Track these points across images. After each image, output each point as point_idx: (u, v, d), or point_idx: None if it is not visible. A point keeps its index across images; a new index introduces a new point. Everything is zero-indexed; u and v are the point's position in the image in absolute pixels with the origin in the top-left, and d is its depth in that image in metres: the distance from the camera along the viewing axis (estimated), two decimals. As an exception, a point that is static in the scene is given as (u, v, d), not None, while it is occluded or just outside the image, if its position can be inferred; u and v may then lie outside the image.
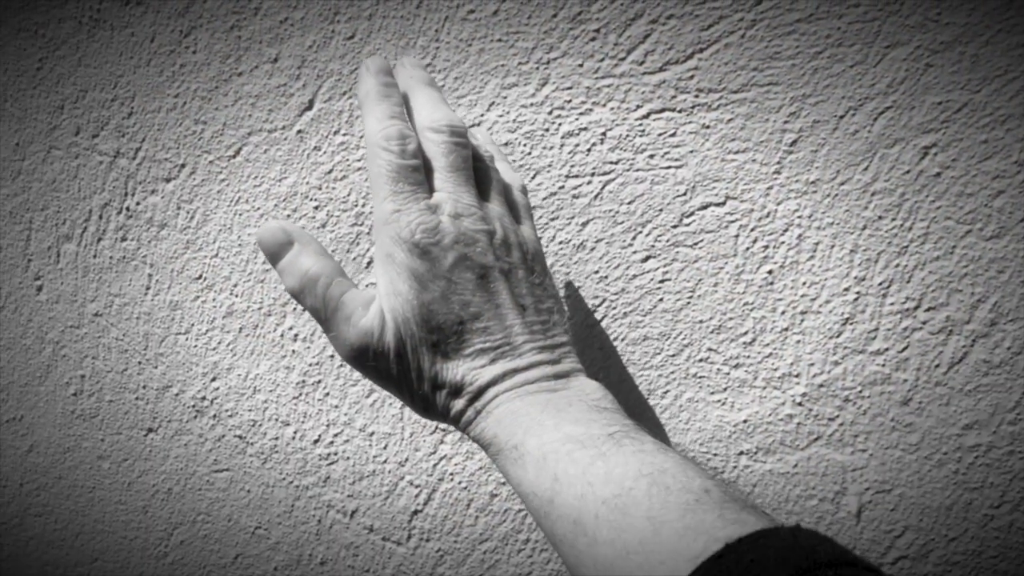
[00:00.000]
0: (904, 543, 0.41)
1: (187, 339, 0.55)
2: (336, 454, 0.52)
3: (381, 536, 0.52)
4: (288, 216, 0.50)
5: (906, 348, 0.40)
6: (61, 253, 0.57)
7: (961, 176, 0.38)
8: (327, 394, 0.51)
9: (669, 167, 0.43)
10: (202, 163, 0.52)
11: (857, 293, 0.40)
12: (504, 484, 0.48)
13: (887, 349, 0.40)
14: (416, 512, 0.50)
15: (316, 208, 0.50)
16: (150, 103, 0.53)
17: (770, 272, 0.42)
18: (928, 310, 0.40)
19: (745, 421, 0.43)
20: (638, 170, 0.43)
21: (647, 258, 0.43)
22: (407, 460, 0.50)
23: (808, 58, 0.40)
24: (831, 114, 0.40)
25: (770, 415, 0.42)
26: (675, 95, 0.42)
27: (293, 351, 0.52)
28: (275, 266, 0.35)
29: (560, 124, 0.44)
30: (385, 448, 0.50)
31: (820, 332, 0.41)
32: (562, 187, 0.44)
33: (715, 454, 0.44)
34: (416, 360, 0.33)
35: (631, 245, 0.44)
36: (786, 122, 0.41)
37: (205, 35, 0.51)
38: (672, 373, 0.44)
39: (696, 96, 0.42)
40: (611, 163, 0.43)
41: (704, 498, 0.25)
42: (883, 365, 0.40)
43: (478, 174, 0.36)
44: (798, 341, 0.41)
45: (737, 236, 0.42)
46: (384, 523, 0.51)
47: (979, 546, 0.40)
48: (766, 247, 0.42)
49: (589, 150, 0.44)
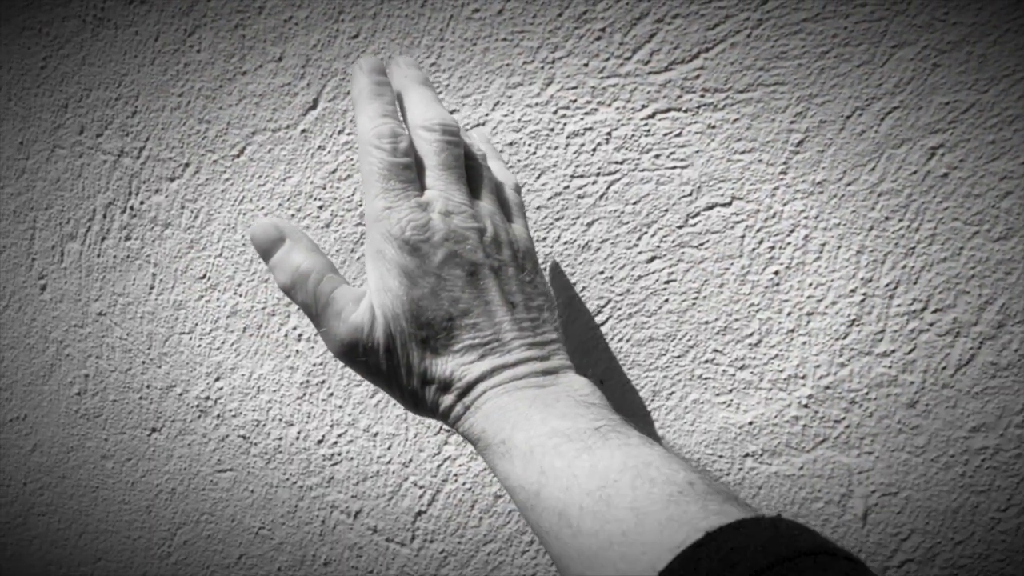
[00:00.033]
0: (910, 546, 0.41)
1: (191, 339, 0.55)
2: (340, 455, 0.52)
3: (385, 537, 0.52)
4: (292, 216, 0.50)
5: (913, 350, 0.40)
6: (65, 252, 0.57)
7: (968, 177, 0.38)
8: (331, 394, 0.51)
9: (675, 167, 0.42)
10: (206, 162, 0.52)
11: (864, 294, 0.40)
12: (508, 485, 0.48)
13: (894, 351, 0.40)
14: (420, 513, 0.50)
15: (320, 208, 0.49)
16: (154, 102, 0.53)
17: (776, 273, 0.41)
18: (935, 312, 0.39)
19: (751, 423, 0.43)
20: (643, 170, 0.43)
21: (652, 259, 0.43)
22: (411, 461, 0.50)
23: (815, 58, 0.40)
24: (838, 114, 0.40)
25: (776, 417, 0.42)
26: (681, 95, 0.42)
27: (297, 351, 0.52)
28: (267, 262, 0.36)
29: (565, 124, 0.44)
30: (389, 449, 0.50)
31: (826, 334, 0.41)
32: (567, 187, 0.44)
33: (720, 456, 0.43)
34: (406, 356, 0.33)
35: (636, 246, 0.43)
36: (792, 122, 0.40)
37: (209, 34, 0.50)
38: (677, 374, 0.44)
39: (702, 96, 0.41)
40: (616, 163, 0.43)
41: (688, 490, 0.26)
42: (890, 367, 0.40)
43: (470, 172, 0.36)
44: (804, 343, 0.41)
45: (743, 237, 0.42)
46: (388, 524, 0.51)
47: (986, 549, 0.40)
48: (772, 248, 0.41)
49: (594, 150, 0.44)
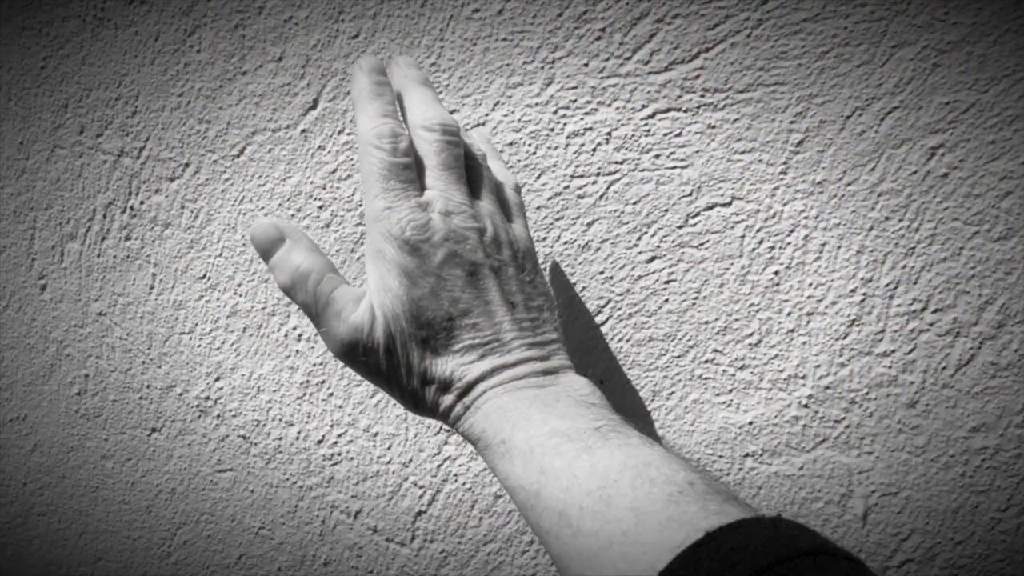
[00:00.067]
0: (910, 546, 0.41)
1: (191, 339, 0.55)
2: (340, 455, 0.52)
3: (385, 537, 0.52)
4: (292, 216, 0.50)
5: (913, 350, 0.40)
6: (65, 252, 0.57)
7: (968, 177, 0.38)
8: (331, 394, 0.51)
9: (675, 167, 0.42)
10: (206, 162, 0.52)
11: (864, 294, 0.40)
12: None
13: (894, 351, 0.40)
14: (420, 513, 0.50)
15: (320, 208, 0.49)
16: (154, 102, 0.53)
17: (776, 273, 0.41)
18: (935, 312, 0.39)
19: (751, 423, 0.43)
20: (643, 170, 0.43)
21: (652, 259, 0.43)
22: (411, 461, 0.50)
23: (815, 58, 0.40)
24: (838, 114, 0.40)
25: (776, 417, 0.42)
26: (681, 95, 0.42)
27: (297, 351, 0.52)
28: (267, 262, 0.36)
29: (565, 124, 0.44)
30: (389, 449, 0.50)
31: (826, 334, 0.41)
32: (567, 187, 0.44)
33: (720, 456, 0.43)
34: (406, 356, 0.33)
35: (636, 246, 0.43)
36: (792, 122, 0.40)
37: (209, 34, 0.50)
38: (677, 374, 0.44)
39: (702, 96, 0.41)
40: (616, 163, 0.43)
41: (688, 490, 0.26)
42: (890, 367, 0.40)
43: (470, 172, 0.36)
44: (804, 343, 0.41)
45: (743, 237, 0.42)
46: (388, 524, 0.51)
47: (986, 549, 0.40)
48: (772, 248, 0.41)
49: (594, 150, 0.44)
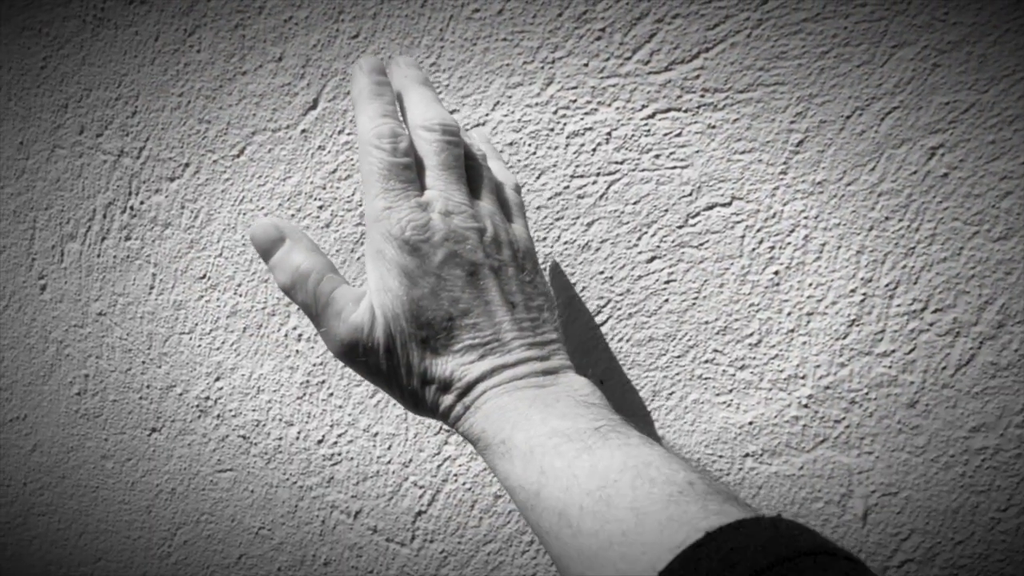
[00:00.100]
0: (910, 546, 0.41)
1: (191, 339, 0.55)
2: (340, 455, 0.52)
3: (385, 537, 0.52)
4: (292, 216, 0.50)
5: (913, 350, 0.40)
6: (65, 252, 0.57)
7: (968, 177, 0.38)
8: (331, 394, 0.51)
9: (675, 167, 0.42)
10: (206, 162, 0.52)
11: (864, 294, 0.40)
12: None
13: (894, 351, 0.40)
14: (420, 513, 0.50)
15: (320, 208, 0.49)
16: (154, 102, 0.53)
17: (776, 273, 0.41)
18: (935, 312, 0.39)
19: (751, 423, 0.43)
20: (643, 170, 0.43)
21: (652, 259, 0.43)
22: (411, 461, 0.50)
23: (815, 58, 0.40)
24: (838, 114, 0.40)
25: (776, 417, 0.42)
26: (681, 95, 0.42)
27: (297, 351, 0.52)
28: (267, 262, 0.36)
29: (565, 124, 0.44)
30: (389, 449, 0.50)
31: (826, 334, 0.41)
32: (567, 187, 0.44)
33: (720, 456, 0.43)
34: (406, 356, 0.33)
35: (636, 246, 0.43)
36: (792, 122, 0.40)
37: (209, 34, 0.50)
38: (677, 374, 0.44)
39: (702, 96, 0.41)
40: (616, 163, 0.43)
41: (688, 490, 0.26)
42: (890, 367, 0.40)
43: (470, 172, 0.36)
44: (804, 343, 0.41)
45: (743, 237, 0.42)
46: (388, 524, 0.51)
47: (986, 549, 0.40)
48: (772, 248, 0.41)
49: (594, 150, 0.44)
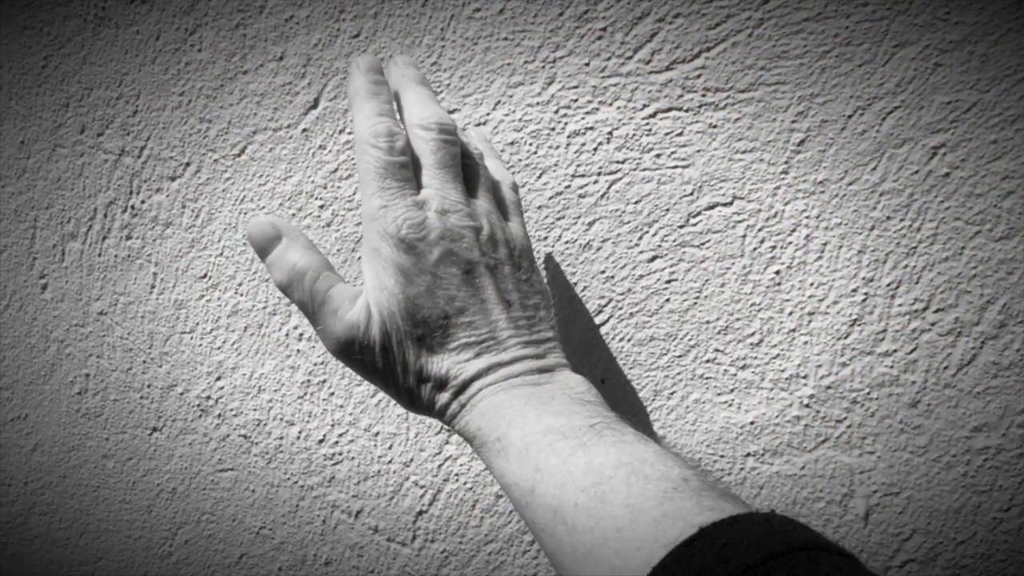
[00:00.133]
0: (912, 546, 0.41)
1: (192, 338, 0.55)
2: (341, 454, 0.52)
3: (386, 537, 0.52)
4: (293, 215, 0.50)
5: (915, 350, 0.40)
6: (66, 251, 0.57)
7: (970, 176, 0.38)
8: (332, 394, 0.51)
9: (676, 167, 0.42)
10: (207, 161, 0.52)
11: (865, 294, 0.40)
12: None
13: (895, 351, 0.40)
14: (421, 513, 0.50)
15: (321, 207, 0.49)
16: (155, 101, 0.53)
17: (777, 273, 0.41)
18: (937, 311, 0.39)
19: (752, 423, 0.43)
20: (645, 169, 0.43)
21: (654, 258, 0.43)
22: (412, 460, 0.50)
23: (816, 57, 0.40)
24: (839, 113, 0.40)
25: (777, 417, 0.42)
26: (682, 94, 0.42)
27: (298, 351, 0.52)
28: (264, 260, 0.36)
29: (566, 123, 0.44)
30: (390, 448, 0.50)
31: (828, 333, 0.41)
32: (568, 186, 0.44)
33: (722, 455, 0.43)
34: (402, 354, 0.33)
35: (637, 245, 0.43)
36: (794, 121, 0.40)
37: (210, 33, 0.50)
38: (679, 374, 0.44)
39: (703, 95, 0.41)
40: (617, 162, 0.43)
41: (683, 486, 0.26)
42: (891, 367, 0.40)
43: (467, 171, 0.36)
44: (806, 342, 0.41)
45: (744, 236, 0.42)
46: (389, 524, 0.51)
47: (988, 549, 0.40)
48: (773, 247, 0.41)
49: (595, 149, 0.43)
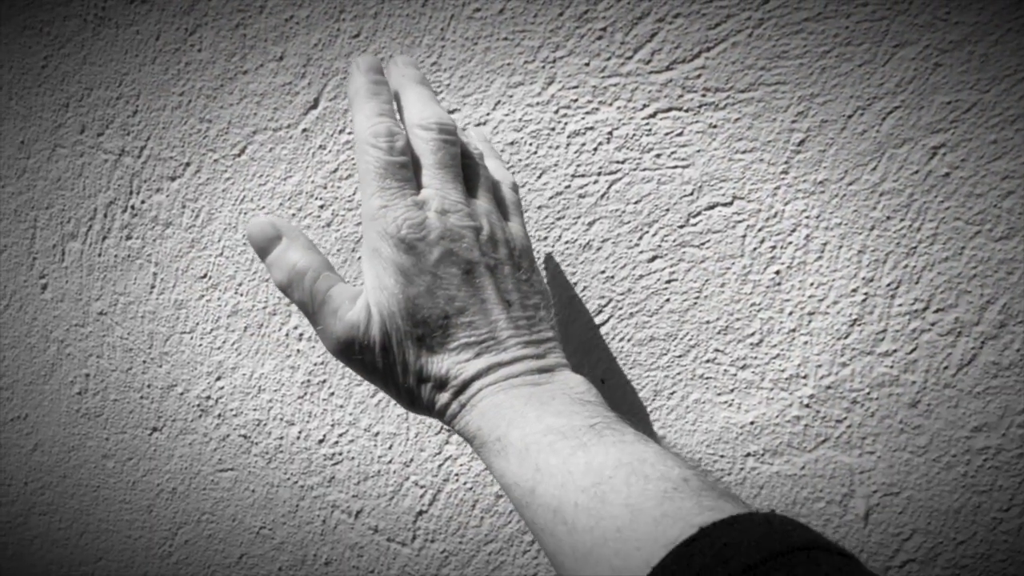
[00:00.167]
0: (912, 546, 0.41)
1: (192, 338, 0.55)
2: (341, 454, 0.52)
3: (386, 537, 0.52)
4: (293, 215, 0.50)
5: (915, 350, 0.40)
6: (66, 251, 0.57)
7: (970, 176, 0.38)
8: (332, 394, 0.51)
9: (676, 167, 0.42)
10: (207, 161, 0.52)
11: (865, 294, 0.40)
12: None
13: (895, 351, 0.40)
14: (421, 513, 0.50)
15: (321, 207, 0.49)
16: (155, 101, 0.53)
17: (777, 273, 0.41)
18: (937, 311, 0.39)
19: (752, 423, 0.43)
20: (645, 169, 0.43)
21: (654, 258, 0.43)
22: (412, 460, 0.50)
23: (816, 57, 0.40)
24: (839, 113, 0.40)
25: (777, 417, 0.42)
26: (682, 94, 0.42)
27: (298, 351, 0.52)
28: (264, 260, 0.36)
29: (566, 123, 0.44)
30: (390, 448, 0.50)
31: (828, 333, 0.41)
32: (568, 186, 0.44)
33: (722, 455, 0.43)
34: (402, 353, 0.33)
35: (637, 245, 0.43)
36: (794, 121, 0.40)
37: (211, 33, 0.50)
38: (679, 374, 0.44)
39: (703, 95, 0.41)
40: (617, 162, 0.43)
41: (683, 486, 0.26)
42: (891, 367, 0.40)
43: (467, 171, 0.36)
44: (806, 342, 0.41)
45: (744, 236, 0.42)
46: (389, 524, 0.51)
47: (988, 549, 0.40)
48: (773, 247, 0.41)
49: (595, 149, 0.43)
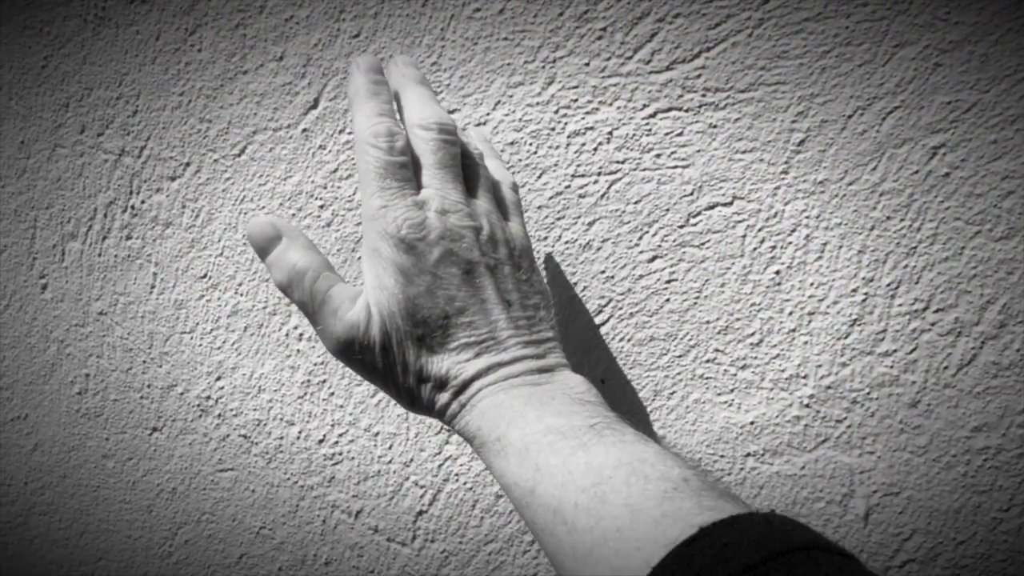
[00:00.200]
0: (912, 546, 0.41)
1: (192, 338, 0.55)
2: (341, 454, 0.52)
3: (386, 537, 0.52)
4: (293, 215, 0.50)
5: (914, 350, 0.40)
6: (66, 251, 0.57)
7: (970, 176, 0.38)
8: (332, 394, 0.51)
9: (676, 167, 0.42)
10: (207, 161, 0.52)
11: (865, 294, 0.40)
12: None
13: (895, 351, 0.40)
14: (421, 513, 0.50)
15: (321, 207, 0.49)
16: (155, 101, 0.53)
17: (777, 273, 0.41)
18: (937, 311, 0.39)
19: (752, 423, 0.43)
20: (645, 169, 0.43)
21: (654, 258, 0.43)
22: (412, 460, 0.50)
23: (816, 57, 0.40)
24: (839, 113, 0.40)
25: (777, 417, 0.42)
26: (682, 94, 0.42)
27: (298, 350, 0.52)
28: (264, 260, 0.36)
29: (566, 123, 0.44)
30: (390, 448, 0.50)
31: (828, 333, 0.41)
32: (568, 186, 0.44)
33: (722, 455, 0.43)
34: (402, 353, 0.33)
35: (637, 245, 0.43)
36: (794, 121, 0.40)
37: (210, 33, 0.50)
38: (679, 374, 0.44)
39: (703, 95, 0.41)
40: (617, 162, 0.43)
41: (683, 486, 0.26)
42: (891, 367, 0.40)
43: (467, 171, 0.36)
44: (806, 342, 0.41)
45: (744, 236, 0.42)
46: (389, 524, 0.51)
47: (988, 549, 0.40)
48: (773, 247, 0.41)
49: (595, 149, 0.43)
